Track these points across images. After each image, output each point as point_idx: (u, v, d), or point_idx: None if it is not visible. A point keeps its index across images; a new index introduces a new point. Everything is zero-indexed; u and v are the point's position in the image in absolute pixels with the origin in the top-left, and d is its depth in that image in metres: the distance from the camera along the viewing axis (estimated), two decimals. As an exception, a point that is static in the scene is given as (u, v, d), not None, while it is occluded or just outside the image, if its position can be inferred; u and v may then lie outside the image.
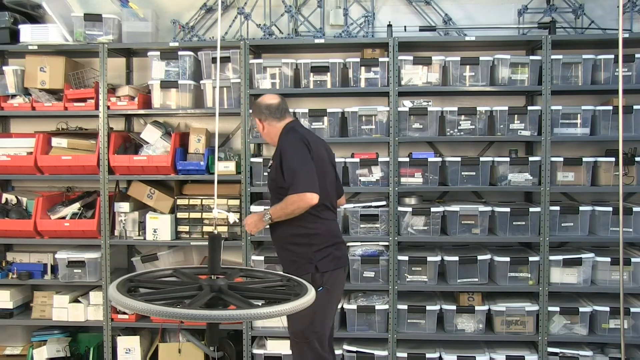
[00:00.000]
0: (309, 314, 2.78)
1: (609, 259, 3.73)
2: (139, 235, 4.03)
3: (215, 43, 4.04)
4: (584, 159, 3.77)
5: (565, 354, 3.77)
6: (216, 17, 4.29)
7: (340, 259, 2.96)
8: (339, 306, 3.81)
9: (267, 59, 4.01)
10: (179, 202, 3.99)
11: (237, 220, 3.26)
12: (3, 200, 4.13)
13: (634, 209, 3.71)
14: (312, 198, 2.73)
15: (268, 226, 2.97)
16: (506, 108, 3.80)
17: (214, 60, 3.93)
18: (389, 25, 4.05)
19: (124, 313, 3.99)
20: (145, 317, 4.03)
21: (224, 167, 3.91)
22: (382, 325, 3.84)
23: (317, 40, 3.89)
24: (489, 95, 4.09)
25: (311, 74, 3.89)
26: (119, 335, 4.05)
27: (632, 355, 3.86)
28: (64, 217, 3.98)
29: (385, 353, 3.81)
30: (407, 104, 3.85)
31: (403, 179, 3.84)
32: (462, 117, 3.83)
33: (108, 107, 3.95)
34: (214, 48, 3.96)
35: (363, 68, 3.88)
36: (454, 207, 3.80)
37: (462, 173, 3.81)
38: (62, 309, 4.01)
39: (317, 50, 4.09)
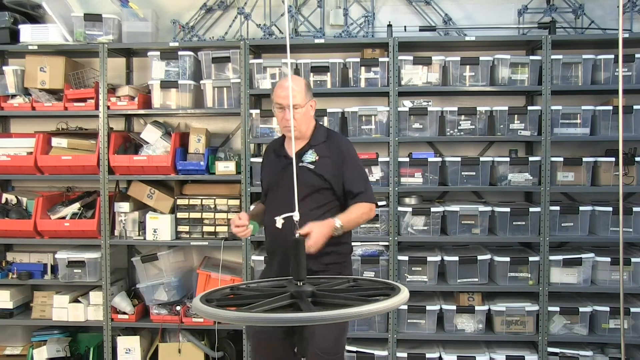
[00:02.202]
0: (339, 325, 2.57)
1: (609, 259, 3.73)
2: (139, 235, 4.03)
3: (216, 43, 4.05)
4: (584, 159, 3.77)
5: (565, 354, 3.77)
6: (216, 17, 4.30)
7: None
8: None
9: (267, 59, 4.01)
10: (179, 202, 3.99)
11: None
12: (3, 200, 4.13)
13: (634, 209, 3.71)
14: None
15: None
16: (506, 108, 3.80)
17: (214, 60, 3.93)
18: (389, 25, 4.05)
19: (124, 313, 3.99)
20: (145, 317, 4.04)
21: (224, 167, 3.91)
22: (382, 325, 3.84)
23: (317, 40, 3.89)
24: (489, 95, 4.09)
25: (311, 74, 3.89)
26: (119, 335, 4.05)
27: (632, 355, 3.86)
28: (64, 217, 3.98)
29: (385, 353, 3.81)
30: (407, 104, 3.85)
31: (403, 179, 3.84)
32: (462, 117, 3.83)
33: (108, 107, 3.95)
34: (214, 48, 3.96)
35: (363, 68, 3.88)
36: (454, 207, 3.80)
37: (462, 173, 3.81)
38: (62, 309, 4.01)
39: (317, 50, 4.09)
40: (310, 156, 2.64)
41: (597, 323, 3.75)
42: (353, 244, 3.83)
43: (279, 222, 2.23)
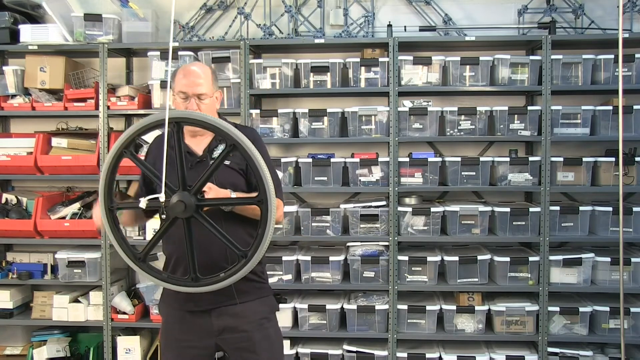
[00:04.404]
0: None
1: (609, 259, 3.73)
2: (139, 235, 4.02)
3: (216, 43, 4.05)
4: (584, 159, 3.77)
5: (565, 354, 3.77)
6: (216, 17, 4.30)
7: None
8: (340, 306, 3.83)
9: (267, 59, 4.01)
10: (179, 202, 3.99)
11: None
12: (3, 200, 4.13)
13: (634, 209, 3.70)
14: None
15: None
16: (506, 108, 3.80)
17: (214, 60, 3.93)
18: (389, 25, 4.05)
19: (124, 313, 3.99)
20: (145, 317, 4.04)
21: (224, 167, 3.91)
22: (382, 325, 3.84)
23: (317, 40, 3.89)
24: (489, 95, 4.09)
25: (311, 74, 3.89)
26: (119, 335, 4.05)
27: (632, 355, 3.85)
28: (64, 217, 3.98)
29: (385, 353, 3.81)
30: (407, 104, 3.85)
31: (403, 179, 3.84)
32: (462, 117, 3.83)
33: (108, 107, 3.95)
34: (214, 48, 3.97)
35: (363, 68, 3.87)
36: (454, 207, 3.80)
37: (462, 173, 3.81)
38: (62, 309, 4.01)
39: (317, 50, 4.09)
40: None
41: (597, 323, 3.75)
42: (353, 244, 3.90)
43: (144, 202, 1.94)
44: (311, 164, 3.84)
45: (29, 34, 3.99)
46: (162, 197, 1.89)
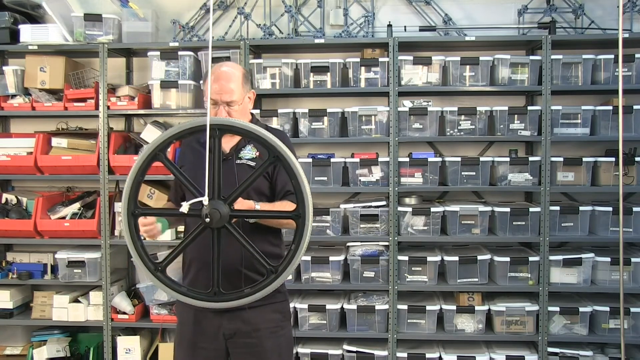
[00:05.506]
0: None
1: (609, 259, 3.73)
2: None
3: (216, 43, 4.04)
4: (584, 159, 3.77)
5: (565, 354, 3.77)
6: (216, 17, 4.30)
7: None
8: (340, 306, 3.83)
9: (267, 59, 4.01)
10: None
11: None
12: (3, 200, 4.13)
13: (634, 209, 3.71)
14: None
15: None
16: (506, 108, 3.80)
17: (214, 60, 3.93)
18: (389, 25, 4.05)
19: (124, 313, 3.99)
20: (145, 317, 4.05)
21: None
22: (382, 325, 3.84)
23: (317, 40, 3.89)
24: (489, 95, 4.09)
25: (311, 74, 3.89)
26: (119, 335, 4.05)
27: (632, 355, 3.86)
28: (64, 217, 3.98)
29: (385, 353, 3.81)
30: (407, 104, 3.86)
31: (403, 179, 3.84)
32: (462, 117, 3.83)
33: (108, 107, 3.95)
34: (214, 48, 3.96)
35: (363, 68, 3.88)
36: (454, 207, 3.80)
37: (462, 173, 3.81)
38: (62, 309, 4.01)
39: (317, 50, 4.09)
40: (250, 152, 2.26)
41: (597, 323, 3.75)
42: (353, 244, 3.90)
43: (186, 206, 1.85)
44: (311, 164, 3.84)
45: (29, 34, 3.99)
46: (205, 200, 1.79)
